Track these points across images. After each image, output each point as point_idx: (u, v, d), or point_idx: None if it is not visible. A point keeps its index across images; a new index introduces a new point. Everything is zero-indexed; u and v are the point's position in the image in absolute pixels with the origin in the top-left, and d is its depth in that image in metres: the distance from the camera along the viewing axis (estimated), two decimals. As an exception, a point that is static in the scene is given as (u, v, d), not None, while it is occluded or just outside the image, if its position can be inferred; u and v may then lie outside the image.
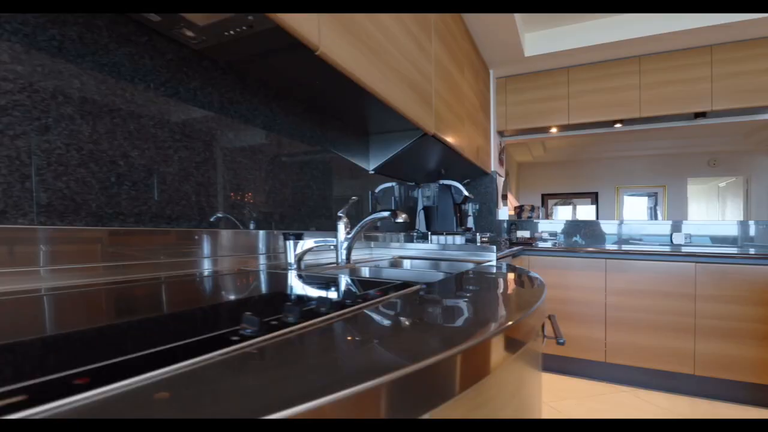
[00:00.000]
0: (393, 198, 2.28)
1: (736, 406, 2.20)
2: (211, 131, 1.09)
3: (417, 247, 1.86)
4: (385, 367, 0.32)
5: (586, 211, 7.60)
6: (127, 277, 0.85)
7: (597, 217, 7.37)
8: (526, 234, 3.25)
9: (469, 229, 2.70)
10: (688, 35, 2.48)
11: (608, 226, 3.10)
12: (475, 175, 2.97)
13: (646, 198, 7.25)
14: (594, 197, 7.45)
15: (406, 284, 0.78)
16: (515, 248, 2.44)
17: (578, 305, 2.55)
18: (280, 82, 1.23)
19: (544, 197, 7.85)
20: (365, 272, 1.29)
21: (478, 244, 2.01)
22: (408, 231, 2.47)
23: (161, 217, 0.95)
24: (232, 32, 0.92)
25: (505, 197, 3.34)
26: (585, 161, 7.43)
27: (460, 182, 2.86)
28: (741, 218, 6.69)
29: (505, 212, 3.30)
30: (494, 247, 1.68)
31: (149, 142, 0.93)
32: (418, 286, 0.77)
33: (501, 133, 3.30)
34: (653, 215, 7.13)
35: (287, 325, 0.43)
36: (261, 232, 1.26)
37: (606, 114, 2.84)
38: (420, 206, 2.58)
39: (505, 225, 3.33)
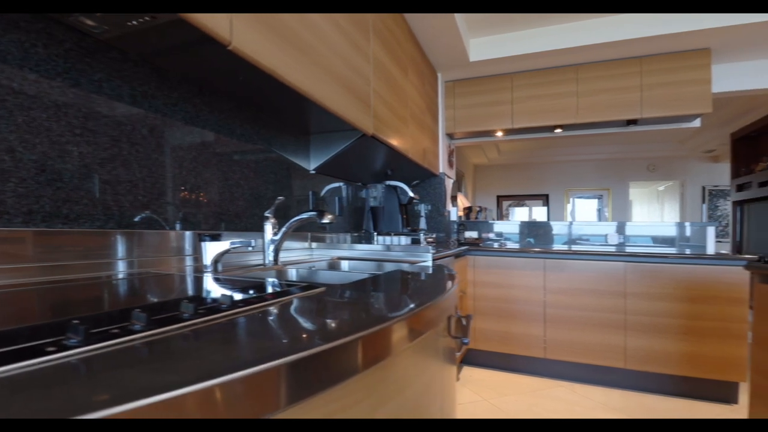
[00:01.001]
0: (338, 198, 2.26)
1: (662, 397, 2.34)
2: (120, 126, 1.03)
3: (359, 248, 1.85)
4: (206, 374, 0.30)
5: (539, 213, 7.89)
6: (16, 281, 0.78)
7: (548, 219, 7.66)
8: (474, 234, 3.31)
9: (417, 230, 2.72)
10: (620, 46, 2.62)
11: (558, 227, 3.22)
12: (423, 176, 3.00)
13: (596, 200, 7.63)
14: (545, 199, 7.74)
15: (310, 286, 0.76)
16: (460, 248, 2.48)
17: (520, 304, 2.63)
18: (201, 76, 1.18)
19: (499, 198, 8.07)
20: (291, 274, 1.26)
21: (423, 244, 2.03)
22: (359, 232, 2.46)
23: (57, 217, 0.88)
24: (135, 22, 0.87)
25: (454, 198, 3.39)
26: (536, 164, 7.71)
27: (409, 183, 2.87)
28: (678, 220, 7.16)
29: (454, 213, 3.36)
30: (430, 247, 1.69)
31: (42, 136, 0.86)
32: (321, 288, 0.76)
33: (450, 136, 3.36)
34: (601, 217, 7.50)
35: (130, 334, 0.40)
36: (187, 233, 1.21)
37: (546, 119, 2.95)
38: (368, 207, 2.57)
39: (455, 226, 3.39)
